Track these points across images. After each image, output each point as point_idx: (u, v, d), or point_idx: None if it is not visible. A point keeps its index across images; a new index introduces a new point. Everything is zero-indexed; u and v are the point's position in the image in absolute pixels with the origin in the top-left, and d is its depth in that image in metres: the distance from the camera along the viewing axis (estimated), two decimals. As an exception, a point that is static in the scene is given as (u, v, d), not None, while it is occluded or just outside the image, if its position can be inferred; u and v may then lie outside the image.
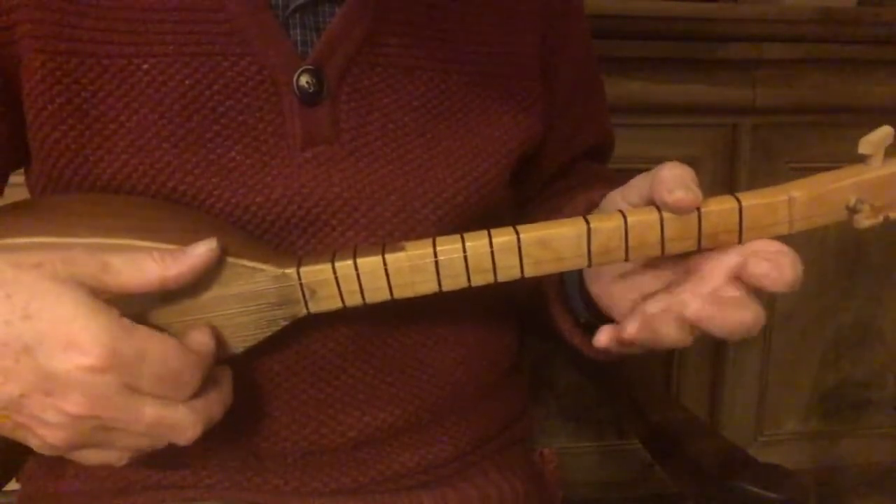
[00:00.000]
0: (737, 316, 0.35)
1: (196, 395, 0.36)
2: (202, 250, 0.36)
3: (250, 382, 0.45)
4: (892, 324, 1.24)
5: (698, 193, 0.35)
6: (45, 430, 0.33)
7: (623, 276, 0.41)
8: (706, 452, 0.52)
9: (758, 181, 1.13)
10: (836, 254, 1.19)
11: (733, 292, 0.35)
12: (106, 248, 0.36)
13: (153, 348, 0.33)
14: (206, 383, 0.37)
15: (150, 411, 0.34)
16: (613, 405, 0.82)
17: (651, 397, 0.61)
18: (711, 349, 1.19)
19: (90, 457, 0.36)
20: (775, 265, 0.35)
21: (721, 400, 1.21)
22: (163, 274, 0.35)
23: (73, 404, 0.32)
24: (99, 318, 0.32)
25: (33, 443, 0.34)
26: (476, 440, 0.53)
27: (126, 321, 0.33)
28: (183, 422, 0.35)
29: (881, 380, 1.27)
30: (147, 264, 0.35)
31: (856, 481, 1.28)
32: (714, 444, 0.53)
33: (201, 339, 0.37)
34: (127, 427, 0.34)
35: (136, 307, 0.37)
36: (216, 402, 0.37)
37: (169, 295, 0.37)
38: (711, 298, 0.35)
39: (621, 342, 0.38)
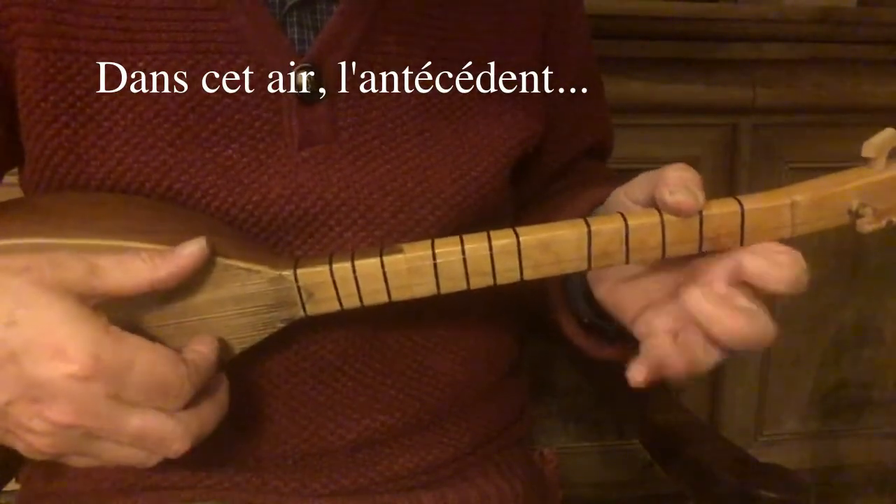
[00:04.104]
0: (741, 324, 0.34)
1: (188, 406, 0.35)
2: (192, 250, 0.35)
3: (249, 384, 0.45)
4: (892, 324, 1.24)
5: (700, 197, 0.35)
6: (32, 437, 0.33)
7: (629, 279, 0.40)
8: (706, 453, 0.51)
9: (758, 181, 1.13)
10: (836, 254, 1.18)
11: (743, 301, 0.35)
12: (97, 250, 0.35)
13: (141, 358, 0.33)
14: (201, 394, 0.36)
15: (136, 422, 0.33)
16: (613, 406, 0.81)
17: (651, 398, 0.61)
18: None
19: (80, 462, 0.35)
20: (773, 263, 0.34)
21: (721, 400, 1.21)
22: (152, 276, 0.34)
23: (59, 413, 0.32)
24: (86, 326, 0.32)
25: (21, 448, 0.34)
26: (476, 441, 0.53)
27: (115, 329, 0.33)
28: (170, 434, 0.34)
29: (881, 380, 1.27)
30: (136, 266, 0.34)
31: (856, 481, 1.28)
32: (714, 444, 0.53)
33: (200, 350, 0.36)
34: (111, 437, 0.33)
35: (130, 310, 0.36)
36: (209, 414, 0.36)
37: (164, 297, 0.37)
38: (721, 301, 0.35)
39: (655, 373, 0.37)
